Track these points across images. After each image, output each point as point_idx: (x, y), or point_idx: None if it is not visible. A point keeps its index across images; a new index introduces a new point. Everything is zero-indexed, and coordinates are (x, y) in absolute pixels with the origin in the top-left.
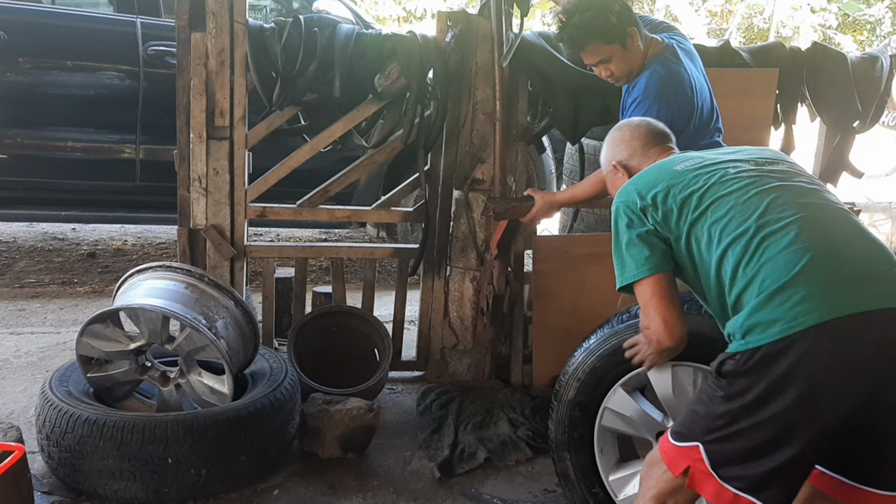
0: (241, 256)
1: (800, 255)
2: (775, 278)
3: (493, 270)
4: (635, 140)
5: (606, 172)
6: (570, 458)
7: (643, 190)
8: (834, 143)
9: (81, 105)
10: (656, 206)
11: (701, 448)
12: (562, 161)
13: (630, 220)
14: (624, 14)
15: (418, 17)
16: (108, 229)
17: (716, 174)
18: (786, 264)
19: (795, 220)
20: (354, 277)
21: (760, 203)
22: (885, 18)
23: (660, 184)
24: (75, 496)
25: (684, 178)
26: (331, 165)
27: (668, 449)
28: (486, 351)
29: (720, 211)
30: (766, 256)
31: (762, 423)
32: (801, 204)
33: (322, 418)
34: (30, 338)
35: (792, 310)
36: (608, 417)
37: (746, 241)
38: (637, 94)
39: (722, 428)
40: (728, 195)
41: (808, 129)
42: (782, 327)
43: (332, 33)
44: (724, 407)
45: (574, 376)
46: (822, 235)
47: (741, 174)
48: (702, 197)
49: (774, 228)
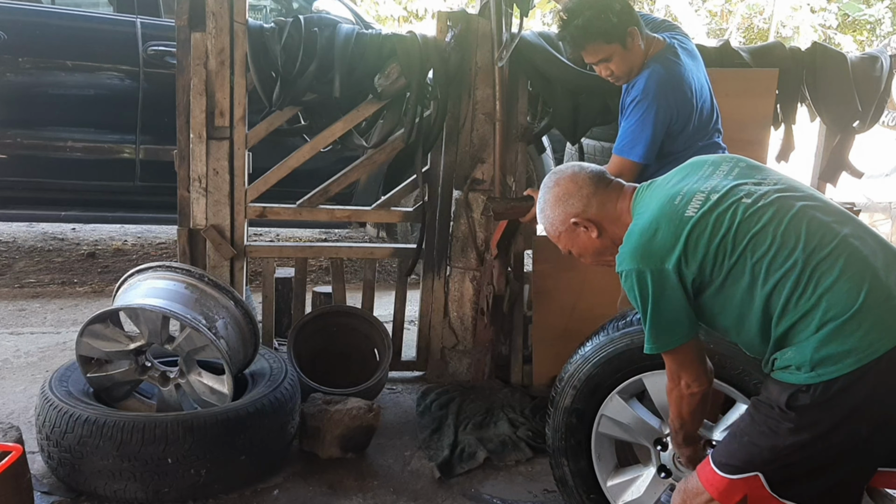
0: (241, 256)
1: (857, 283)
2: (840, 310)
3: (493, 270)
4: (584, 188)
5: (562, 232)
6: (568, 464)
7: (663, 249)
8: (834, 143)
9: (81, 105)
10: (687, 262)
11: (762, 477)
12: (562, 161)
13: (659, 285)
14: (625, 13)
15: (418, 17)
16: (108, 229)
17: (737, 208)
18: (848, 295)
19: (838, 245)
20: (354, 277)
21: (799, 231)
22: (885, 18)
23: (680, 237)
24: (75, 496)
25: (705, 223)
26: (331, 165)
27: (718, 481)
28: (485, 351)
29: (761, 248)
30: (823, 287)
31: (832, 446)
32: (832, 224)
33: (322, 418)
34: (30, 338)
35: (864, 339)
36: (605, 424)
37: (798, 275)
38: (636, 94)
39: (788, 457)
40: (763, 230)
41: (808, 129)
42: (858, 357)
43: (332, 33)
44: (794, 438)
45: (570, 384)
46: (865, 258)
47: (760, 204)
48: (735, 239)
49: (822, 257)
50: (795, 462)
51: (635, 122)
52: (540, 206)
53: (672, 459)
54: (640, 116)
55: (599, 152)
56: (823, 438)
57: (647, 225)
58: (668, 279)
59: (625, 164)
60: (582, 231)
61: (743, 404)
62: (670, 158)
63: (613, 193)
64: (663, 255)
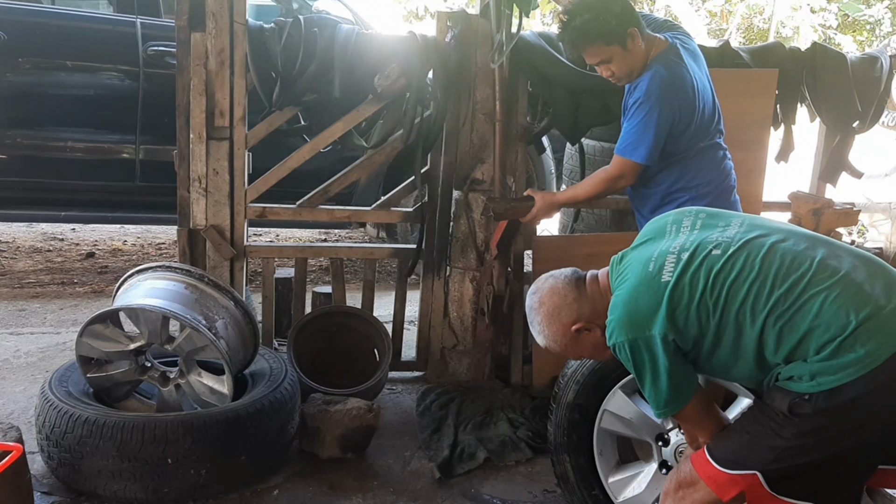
0: (240, 257)
1: (845, 302)
2: (835, 331)
3: (492, 270)
4: (568, 296)
5: (567, 343)
6: (570, 460)
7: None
8: (834, 144)
9: (81, 105)
10: (672, 327)
11: (760, 476)
12: (562, 161)
13: (651, 353)
14: (625, 15)
15: (418, 18)
16: (107, 229)
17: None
18: (837, 315)
19: (817, 271)
20: (354, 277)
21: (774, 267)
22: (885, 18)
23: (661, 303)
24: (75, 496)
25: (682, 286)
26: (331, 165)
27: (715, 474)
28: (485, 351)
29: (739, 297)
30: (812, 313)
31: (836, 451)
32: (803, 252)
33: (322, 418)
34: (30, 338)
35: (863, 350)
36: (607, 420)
37: (784, 309)
38: (639, 96)
39: (787, 459)
40: (737, 278)
41: (807, 129)
42: (858, 367)
43: (331, 33)
44: (795, 441)
45: (573, 379)
46: (843, 274)
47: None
48: (713, 295)
49: (802, 286)
50: (796, 464)
51: (638, 124)
52: (536, 329)
53: (674, 455)
54: (642, 117)
55: (599, 152)
56: (827, 443)
57: (627, 296)
58: (657, 345)
59: (627, 164)
60: (585, 334)
61: (745, 398)
62: (672, 159)
63: (592, 286)
64: (648, 322)
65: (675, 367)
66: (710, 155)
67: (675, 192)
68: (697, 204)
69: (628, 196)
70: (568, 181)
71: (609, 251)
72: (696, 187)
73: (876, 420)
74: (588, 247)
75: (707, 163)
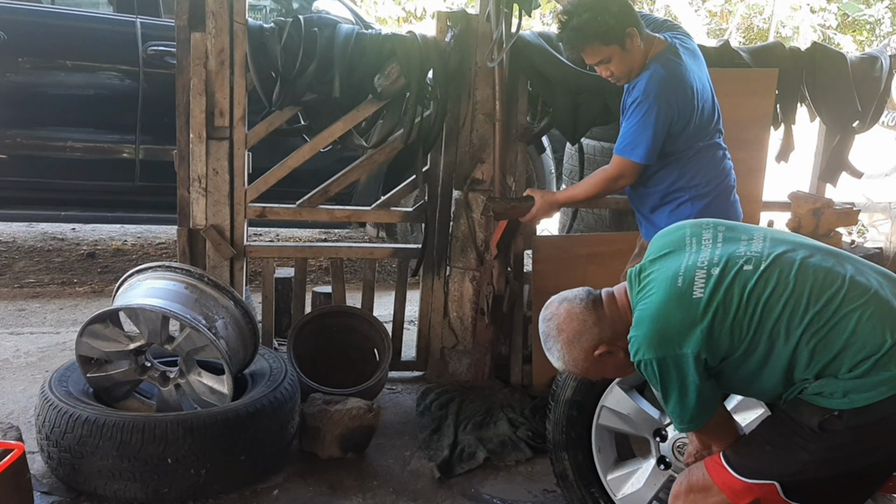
0: (240, 256)
1: (880, 321)
2: (871, 350)
3: (492, 270)
4: (587, 320)
5: (589, 367)
6: (569, 458)
7: (679, 334)
8: (833, 143)
9: (81, 105)
10: (706, 345)
11: (778, 486)
12: (562, 161)
13: (681, 371)
14: (623, 14)
15: (418, 17)
16: (107, 229)
17: (744, 281)
18: (873, 334)
19: (850, 289)
20: (354, 277)
21: (808, 285)
22: (885, 18)
23: (695, 321)
24: (75, 496)
25: (715, 303)
26: (331, 165)
27: (731, 481)
28: (485, 351)
29: (775, 313)
30: (848, 332)
31: (862, 466)
32: (835, 270)
33: (322, 418)
34: (29, 338)
35: None
36: (606, 416)
37: (819, 327)
38: (637, 95)
39: (812, 472)
40: (772, 295)
41: (807, 129)
42: (891, 386)
43: (331, 33)
44: (823, 456)
45: (571, 375)
46: (876, 293)
47: (762, 268)
48: (748, 312)
49: (836, 304)
50: (818, 477)
51: (636, 123)
52: (555, 356)
53: (671, 450)
54: (641, 117)
55: (599, 152)
56: (853, 459)
57: (656, 312)
58: (689, 363)
59: (626, 164)
60: (608, 357)
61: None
62: (672, 159)
63: (610, 306)
64: (680, 340)
65: (704, 384)
66: (710, 154)
67: (674, 192)
68: (697, 204)
69: (627, 196)
70: (568, 181)
71: (609, 251)
72: (695, 187)
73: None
74: (588, 247)
75: (706, 162)
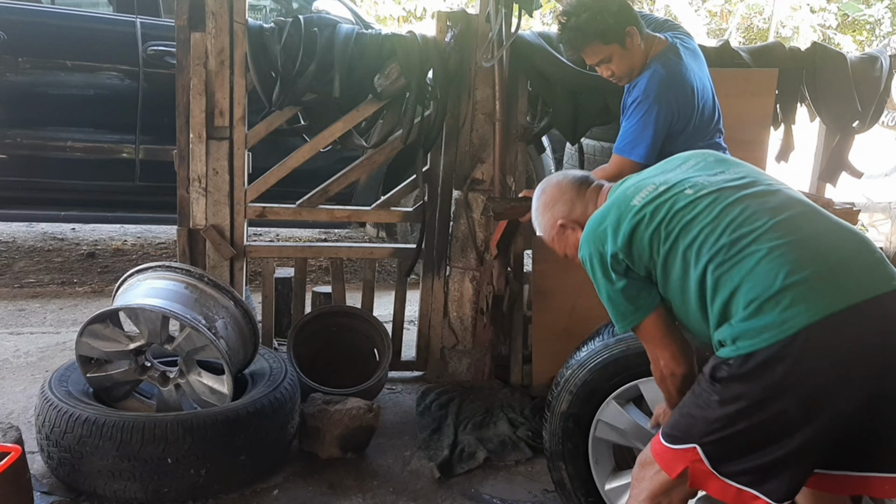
0: (240, 256)
1: (780, 262)
2: (761, 290)
3: (492, 270)
4: (566, 193)
5: (553, 235)
6: (566, 468)
7: (607, 235)
8: (833, 143)
9: (81, 105)
10: (628, 250)
11: (699, 449)
12: (562, 161)
13: (605, 268)
14: (622, 14)
15: (418, 17)
16: (107, 229)
17: (677, 200)
18: (768, 273)
19: (769, 228)
20: (354, 277)
21: (730, 217)
22: (885, 18)
23: (623, 225)
24: (75, 496)
25: (645, 213)
26: (331, 165)
27: (662, 451)
28: (485, 351)
29: (690, 235)
30: (746, 268)
31: (760, 423)
32: (770, 209)
33: (322, 418)
34: (29, 338)
35: (781, 314)
36: (602, 429)
37: (723, 258)
38: (637, 95)
39: (719, 430)
40: (695, 218)
41: (807, 129)
42: (774, 332)
43: (331, 33)
44: (721, 411)
45: (566, 389)
46: (797, 237)
47: (701, 193)
48: (668, 227)
49: (749, 240)
50: (727, 437)
51: (636, 123)
52: (533, 216)
53: None
54: (641, 116)
55: (599, 152)
56: (748, 414)
57: (599, 213)
58: (607, 262)
59: (625, 163)
60: (570, 232)
61: None
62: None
63: (594, 193)
64: (605, 238)
65: (629, 281)
66: None
67: None
68: None
69: None
70: None
71: None
72: None
73: (790, 393)
74: None
75: None
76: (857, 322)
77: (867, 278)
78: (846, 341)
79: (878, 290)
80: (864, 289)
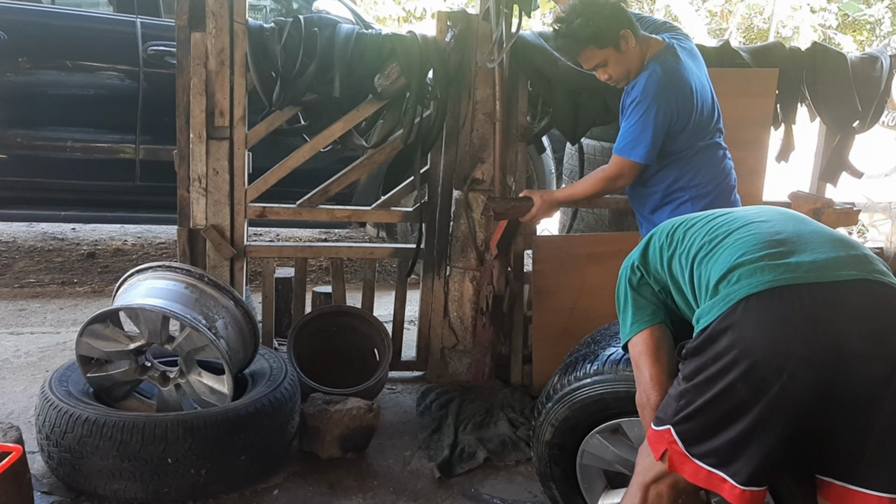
0: (240, 256)
1: (739, 245)
2: (720, 272)
3: (492, 270)
4: None
5: None
6: (556, 487)
7: (636, 251)
8: (834, 143)
9: (81, 105)
10: (643, 259)
11: (672, 430)
12: (562, 161)
13: (624, 277)
14: (615, 17)
15: (418, 17)
16: (108, 229)
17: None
18: (728, 258)
19: (744, 224)
20: (354, 277)
21: (716, 224)
22: (885, 18)
23: (642, 240)
24: (75, 496)
25: (662, 233)
26: (331, 165)
27: (650, 434)
28: (485, 351)
29: (687, 242)
30: (716, 257)
31: (715, 399)
32: (754, 212)
33: (322, 418)
34: (30, 338)
35: (728, 289)
36: (588, 457)
37: (704, 253)
38: (636, 96)
39: (684, 408)
40: (696, 231)
41: (808, 129)
42: (720, 306)
43: (331, 33)
44: (683, 387)
45: (548, 420)
46: (766, 229)
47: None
48: (676, 247)
49: (723, 234)
50: (689, 414)
51: (636, 123)
52: None
53: None
54: (640, 117)
55: (599, 152)
56: (702, 389)
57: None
58: (625, 271)
59: (625, 164)
60: None
61: None
62: (671, 158)
63: None
64: (633, 254)
65: (638, 294)
66: (710, 154)
67: (674, 192)
68: (698, 203)
69: (628, 197)
70: (568, 181)
71: (609, 251)
72: (695, 187)
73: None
74: (588, 247)
75: (706, 162)
76: (807, 298)
77: (831, 265)
78: (790, 314)
79: (837, 277)
80: (821, 273)
